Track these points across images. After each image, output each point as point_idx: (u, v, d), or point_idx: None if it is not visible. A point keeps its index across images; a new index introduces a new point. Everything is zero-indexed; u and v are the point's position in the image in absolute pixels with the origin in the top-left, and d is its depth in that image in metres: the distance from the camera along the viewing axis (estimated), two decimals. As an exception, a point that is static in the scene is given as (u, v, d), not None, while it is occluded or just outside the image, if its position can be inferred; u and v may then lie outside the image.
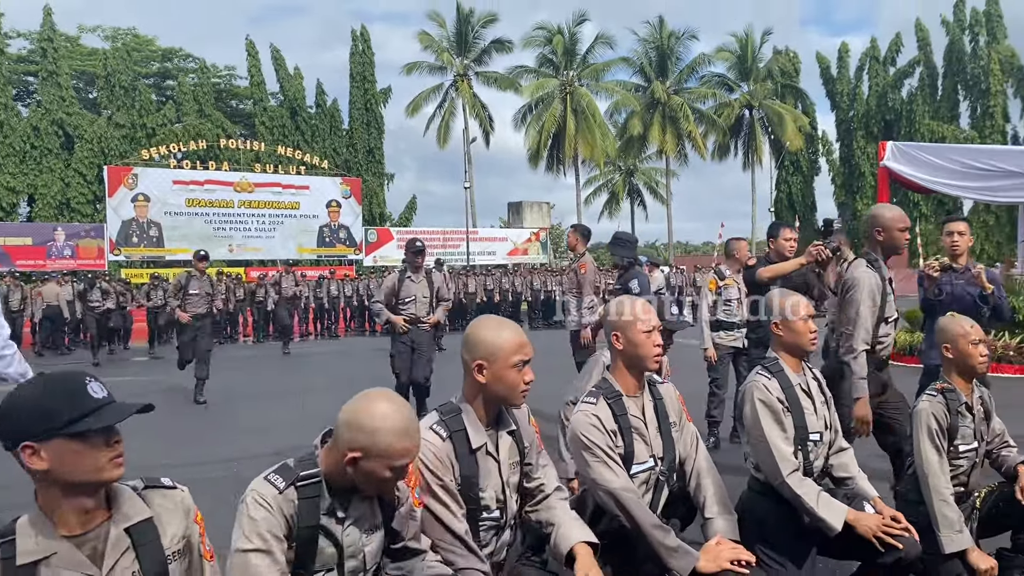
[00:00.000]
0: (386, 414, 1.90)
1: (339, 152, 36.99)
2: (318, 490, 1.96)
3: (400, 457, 1.90)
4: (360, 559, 2.04)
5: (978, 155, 9.65)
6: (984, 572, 3.00)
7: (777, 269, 5.51)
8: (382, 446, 1.88)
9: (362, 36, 38.10)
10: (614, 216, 47.30)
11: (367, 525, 2.05)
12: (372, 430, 1.88)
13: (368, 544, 2.05)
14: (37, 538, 1.58)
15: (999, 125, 32.49)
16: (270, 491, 1.92)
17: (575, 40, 39.05)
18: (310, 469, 1.98)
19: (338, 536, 1.99)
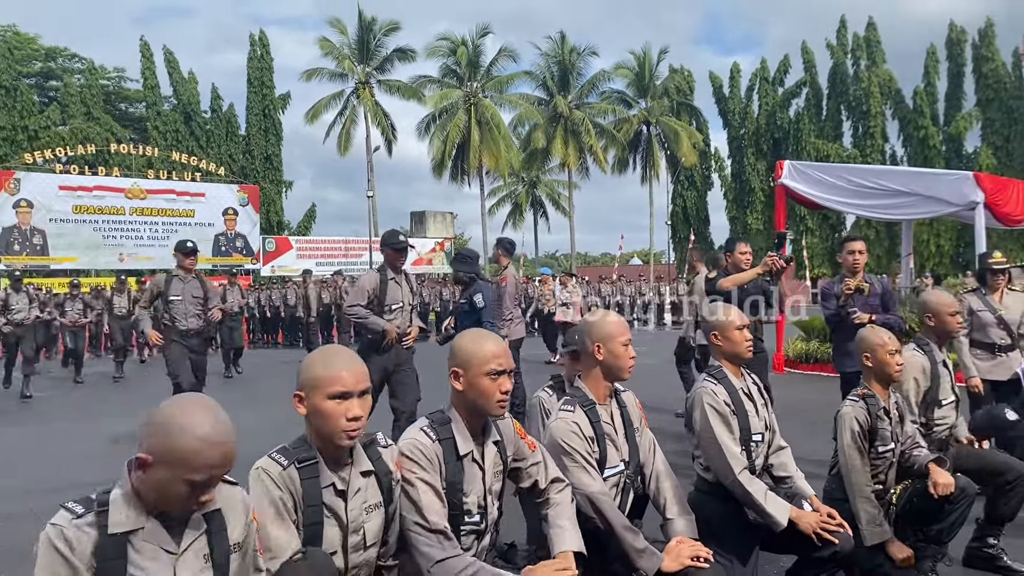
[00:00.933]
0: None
1: (235, 159, 36.05)
2: (317, 470, 2.08)
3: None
4: (361, 535, 2.15)
5: (867, 175, 10.24)
6: (901, 560, 3.27)
7: (736, 279, 5.86)
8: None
9: (260, 41, 37.33)
10: (518, 227, 47.91)
11: (369, 503, 2.16)
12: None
13: (368, 521, 2.16)
14: (128, 511, 1.72)
15: (879, 145, 34.56)
16: (275, 468, 2.05)
17: (479, 52, 39.32)
18: (306, 451, 2.10)
19: (342, 513, 2.11)
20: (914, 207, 9.80)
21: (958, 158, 32.98)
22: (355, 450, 2.17)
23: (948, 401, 4.00)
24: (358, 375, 2.12)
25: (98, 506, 1.71)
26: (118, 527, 1.69)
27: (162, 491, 1.71)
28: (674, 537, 2.77)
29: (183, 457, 1.68)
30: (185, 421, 1.70)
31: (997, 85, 32.12)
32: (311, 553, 2.03)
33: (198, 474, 1.69)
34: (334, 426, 2.10)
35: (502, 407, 2.39)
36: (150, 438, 1.70)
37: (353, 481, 2.13)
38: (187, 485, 1.70)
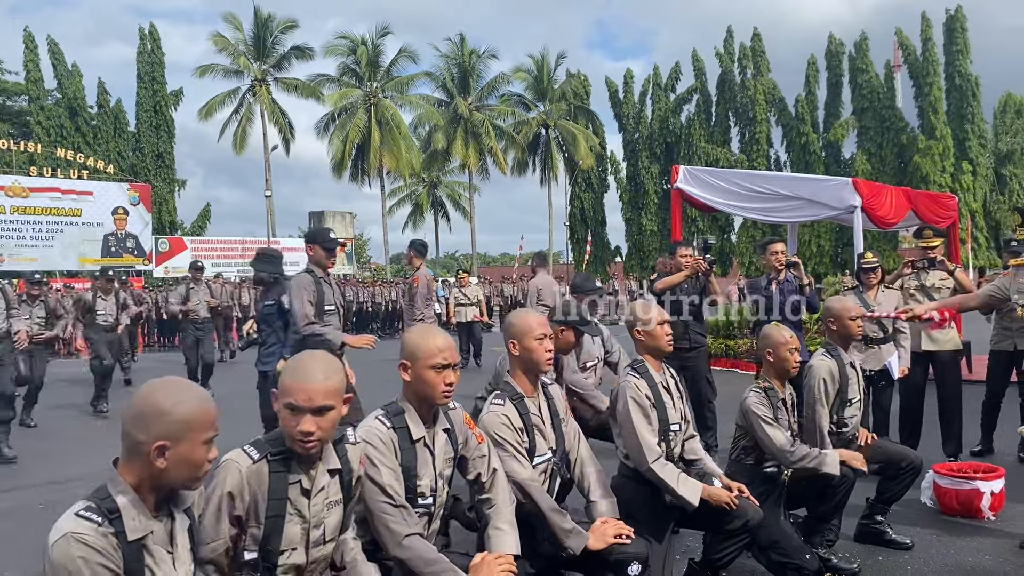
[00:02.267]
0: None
1: (125, 156, 34.67)
2: (288, 465, 2.15)
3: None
4: (321, 531, 2.21)
5: (756, 180, 10.78)
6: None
7: (668, 281, 6.39)
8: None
9: (151, 35, 35.98)
10: (418, 227, 47.90)
11: (331, 499, 2.24)
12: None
13: (329, 516, 2.24)
14: (139, 517, 1.78)
15: (764, 150, 36.22)
16: (245, 463, 2.12)
17: (379, 52, 39.11)
18: (279, 446, 2.17)
19: (305, 509, 2.17)
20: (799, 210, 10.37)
21: (836, 163, 34.92)
22: (325, 447, 2.24)
23: (855, 400, 4.38)
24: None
25: (109, 513, 1.74)
26: (135, 533, 1.76)
27: (184, 466, 1.81)
28: (598, 518, 3.01)
29: (194, 422, 1.81)
30: (172, 394, 1.82)
31: (871, 95, 34.17)
32: None
33: (209, 431, 1.85)
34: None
35: (447, 397, 2.58)
36: (153, 425, 1.77)
37: (319, 479, 2.19)
38: (205, 445, 1.84)
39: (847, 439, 4.38)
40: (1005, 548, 4.33)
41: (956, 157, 32.91)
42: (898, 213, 10.09)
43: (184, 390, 1.86)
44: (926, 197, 11.37)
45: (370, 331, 23.67)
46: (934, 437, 6.12)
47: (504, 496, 2.74)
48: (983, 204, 33.72)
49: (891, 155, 33.85)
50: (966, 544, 4.40)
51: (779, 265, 6.26)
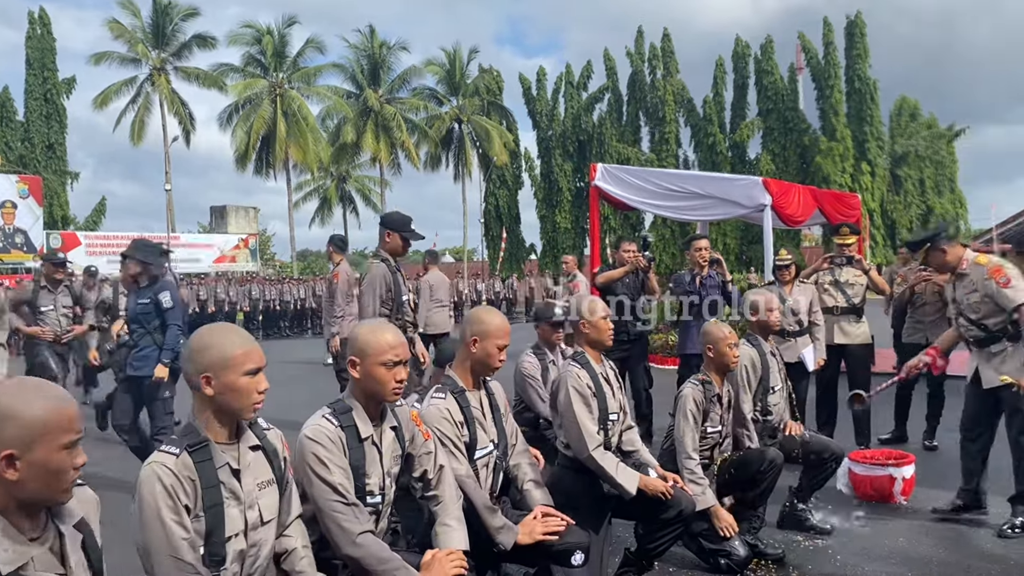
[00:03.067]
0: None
1: (12, 146, 32.75)
2: (209, 452, 2.07)
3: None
4: (256, 511, 2.14)
5: (671, 179, 10.98)
6: (726, 525, 3.72)
7: (608, 275, 6.65)
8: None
9: (40, 19, 34.01)
10: (326, 222, 46.88)
11: (261, 479, 2.17)
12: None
13: (262, 497, 2.16)
14: (13, 546, 1.58)
15: (673, 150, 36.97)
16: (169, 459, 2.01)
17: (285, 42, 38.13)
18: (193, 438, 2.08)
19: (239, 491, 2.10)
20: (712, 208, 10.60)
21: (742, 163, 35.98)
22: (240, 429, 2.19)
23: (778, 387, 4.51)
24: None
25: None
26: (8, 565, 1.56)
27: (43, 476, 1.58)
28: (532, 506, 3.01)
29: (50, 427, 1.58)
30: (16, 396, 1.60)
31: (776, 97, 35.34)
32: None
33: (68, 434, 1.61)
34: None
35: (397, 394, 2.52)
36: (7, 439, 1.56)
37: (243, 457, 2.15)
38: (65, 451, 1.60)
39: (772, 426, 4.48)
40: (917, 530, 4.54)
41: (855, 158, 34.38)
42: (805, 211, 10.42)
43: (33, 389, 1.64)
44: (831, 196, 11.80)
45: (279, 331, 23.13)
46: (844, 426, 6.34)
47: (451, 493, 2.70)
48: (880, 204, 35.36)
49: (794, 155, 35.11)
50: (881, 527, 4.59)
51: (703, 261, 6.47)
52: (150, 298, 5.66)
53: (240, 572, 2.11)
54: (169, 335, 5.68)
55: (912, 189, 36.43)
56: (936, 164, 37.17)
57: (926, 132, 37.57)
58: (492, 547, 2.82)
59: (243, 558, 2.11)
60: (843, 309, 6.27)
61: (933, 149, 36.84)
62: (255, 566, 2.15)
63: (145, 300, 5.68)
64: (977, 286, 4.45)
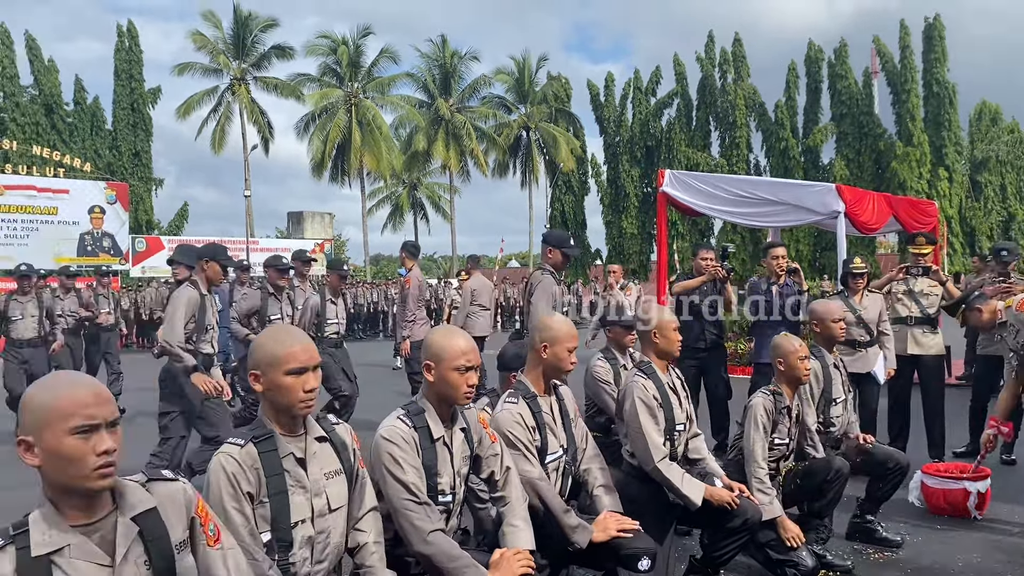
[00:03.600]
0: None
1: (101, 154, 34.22)
2: (274, 443, 2.21)
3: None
4: (324, 499, 2.27)
5: (740, 184, 10.87)
6: (792, 536, 3.73)
7: (685, 285, 6.62)
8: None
9: (129, 32, 35.48)
10: (397, 228, 47.74)
11: (328, 469, 2.31)
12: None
13: (330, 486, 2.30)
14: (50, 531, 1.62)
15: (744, 155, 36.47)
16: (233, 450, 2.17)
17: (360, 52, 39.08)
18: (260, 430, 2.23)
19: (304, 479, 2.23)
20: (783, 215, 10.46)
21: (815, 169, 35.27)
22: (307, 422, 2.32)
23: (840, 400, 4.51)
24: (310, 350, 2.26)
25: (14, 529, 1.62)
26: (41, 548, 1.60)
27: (57, 461, 1.62)
28: (601, 511, 3.10)
29: (54, 412, 1.62)
30: (39, 385, 1.69)
31: (850, 101, 34.55)
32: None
33: (75, 419, 1.62)
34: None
35: (468, 398, 2.64)
36: (24, 425, 1.66)
37: (309, 447, 2.28)
38: (72, 435, 1.62)
39: (835, 438, 4.48)
40: (991, 545, 4.45)
41: (933, 164, 33.36)
42: (880, 219, 10.22)
43: (57, 378, 1.72)
44: (907, 203, 11.53)
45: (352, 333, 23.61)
46: (917, 439, 6.24)
47: (517, 494, 2.80)
48: (959, 210, 34.23)
49: (869, 161, 34.25)
50: (954, 542, 4.52)
51: (780, 270, 6.39)
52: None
53: (310, 558, 2.24)
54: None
55: (992, 195, 35.14)
56: (1018, 170, 35.77)
57: (1008, 137, 36.16)
58: (566, 547, 2.92)
59: (312, 544, 2.24)
60: (917, 319, 6.18)
61: (1015, 154, 35.46)
62: (325, 552, 2.28)
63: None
64: (1017, 325, 4.62)
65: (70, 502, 1.66)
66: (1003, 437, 4.91)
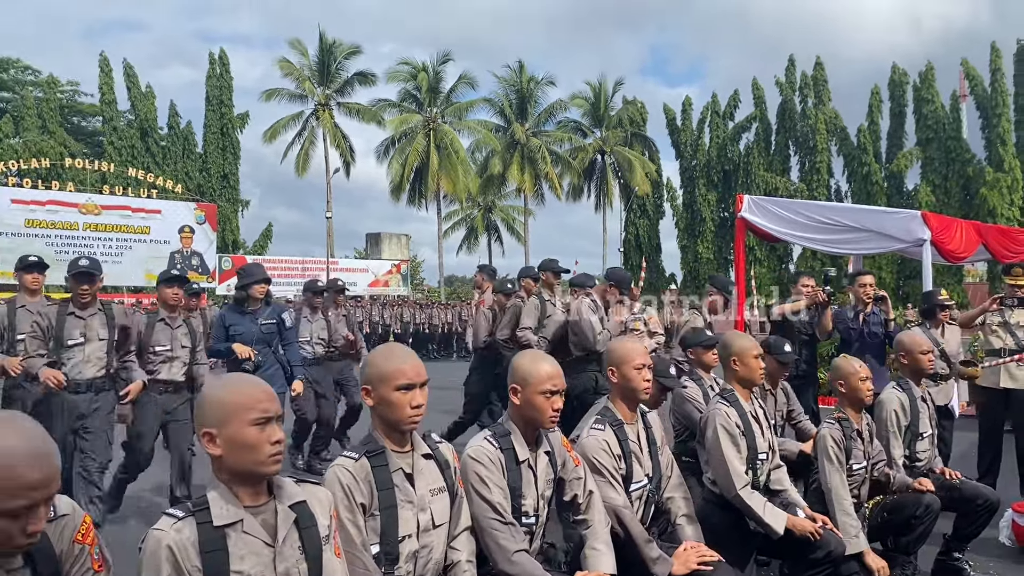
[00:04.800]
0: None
1: (192, 176, 35.73)
2: (385, 458, 2.32)
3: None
4: (429, 514, 2.38)
5: (821, 211, 10.70)
6: (878, 570, 3.67)
7: (786, 308, 6.73)
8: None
9: (220, 60, 37.09)
10: (472, 250, 48.18)
11: (433, 486, 2.41)
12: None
13: (434, 503, 2.40)
14: (227, 506, 1.86)
15: (824, 180, 35.81)
16: (348, 463, 2.29)
17: (439, 78, 39.81)
18: (371, 446, 2.34)
19: (412, 494, 2.34)
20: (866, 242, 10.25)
21: (899, 195, 34.34)
22: (414, 439, 2.42)
23: (927, 434, 4.41)
24: (418, 367, 2.36)
25: (194, 506, 1.85)
26: (221, 519, 1.83)
27: (239, 449, 1.83)
28: (683, 541, 3.11)
29: (232, 405, 1.85)
30: (215, 384, 1.90)
31: (936, 126, 33.60)
32: None
33: (253, 412, 1.84)
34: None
35: (553, 421, 2.72)
36: (199, 419, 1.88)
37: (417, 463, 2.38)
38: (253, 426, 1.84)
39: (921, 473, 4.39)
40: (1087, 589, 4.29)
41: (1025, 190, 32.14)
42: (968, 247, 9.94)
43: (229, 377, 2.03)
44: (998, 231, 11.17)
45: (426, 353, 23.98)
46: (1009, 475, 6.04)
47: (600, 517, 2.85)
48: (1053, 238, 32.81)
49: (956, 187, 33.18)
50: (1047, 584, 4.37)
51: (867, 298, 6.29)
52: (275, 319, 5.96)
53: (413, 572, 2.35)
54: (292, 352, 6.13)
55: (1086, 224, 33.57)
56: (1112, 198, 34.11)
57: (1104, 163, 34.57)
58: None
59: (415, 559, 2.34)
60: (1011, 351, 5.99)
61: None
62: (427, 567, 2.38)
63: (271, 321, 5.94)
64: None
65: (242, 487, 1.89)
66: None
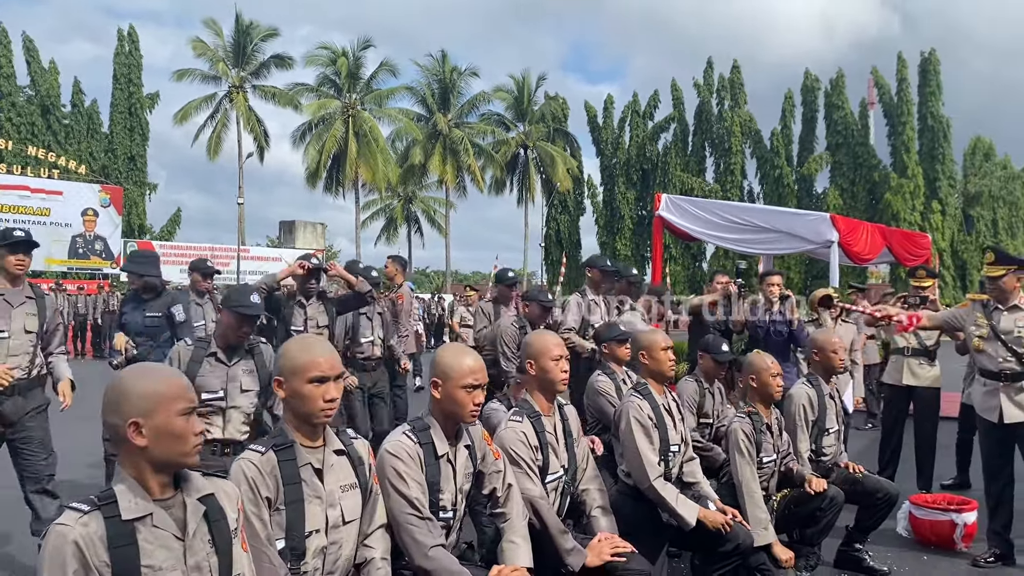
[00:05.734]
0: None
1: (96, 157, 34.20)
2: (293, 452, 2.25)
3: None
4: (338, 511, 2.31)
5: (735, 211, 10.92)
6: (785, 561, 3.73)
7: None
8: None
9: (129, 36, 35.62)
10: (391, 241, 47.64)
11: (344, 482, 2.34)
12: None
13: (345, 499, 2.33)
14: (136, 499, 1.79)
15: (738, 181, 36.82)
16: (254, 456, 2.21)
17: (359, 64, 39.11)
18: (281, 438, 2.28)
19: (321, 490, 2.27)
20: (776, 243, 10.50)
21: (809, 197, 35.57)
22: (327, 433, 2.35)
23: (833, 430, 4.52)
24: (333, 360, 2.31)
25: (100, 500, 1.76)
26: (129, 513, 1.76)
27: (166, 439, 1.79)
28: (598, 533, 3.08)
29: (159, 395, 1.80)
30: (132, 375, 1.85)
31: (845, 131, 34.94)
32: None
33: (181, 401, 1.83)
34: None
35: (474, 416, 2.64)
36: (119, 409, 1.80)
37: (327, 459, 2.31)
38: (180, 416, 1.81)
39: (826, 467, 4.49)
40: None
41: (926, 196, 33.71)
42: (873, 249, 10.28)
43: (146, 368, 1.94)
44: (900, 235, 11.62)
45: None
46: (907, 469, 6.26)
47: (518, 511, 2.80)
48: (951, 244, 34.52)
49: (863, 191, 34.57)
50: (939, 573, 4.53)
51: (773, 297, 6.41)
52: (161, 312, 5.57)
53: (321, 569, 2.27)
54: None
55: (984, 229, 35.51)
56: (1010, 205, 36.24)
57: (1000, 173, 36.66)
58: (560, 569, 2.90)
59: (324, 555, 2.27)
60: (914, 350, 6.20)
61: (1007, 190, 35.91)
62: (336, 564, 2.30)
63: (156, 314, 5.56)
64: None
65: (152, 480, 1.82)
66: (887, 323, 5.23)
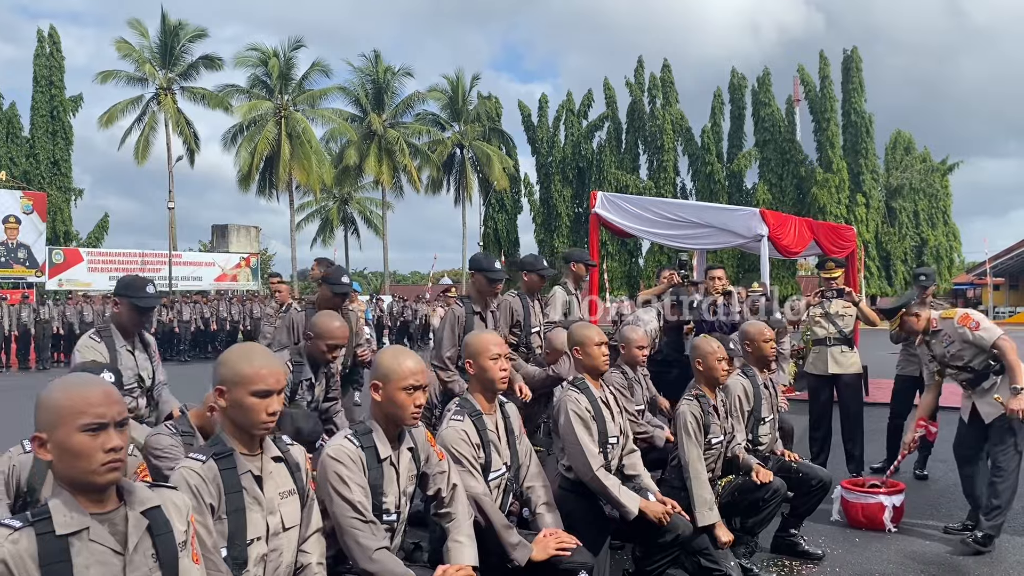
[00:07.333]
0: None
1: (17, 162, 33.00)
2: (233, 461, 2.24)
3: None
4: (278, 517, 2.30)
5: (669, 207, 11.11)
6: (724, 543, 3.85)
7: (646, 293, 7.06)
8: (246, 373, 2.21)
9: (50, 37, 34.43)
10: (327, 243, 47.04)
11: (283, 489, 2.33)
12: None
13: (284, 506, 2.32)
14: (71, 514, 1.73)
15: (671, 178, 37.41)
16: (196, 464, 2.18)
17: (291, 64, 38.45)
18: (219, 447, 2.25)
19: (261, 497, 2.26)
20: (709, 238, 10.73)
21: (739, 193, 36.35)
22: (264, 441, 2.35)
23: (768, 419, 4.68)
24: (278, 373, 2.29)
25: (33, 516, 1.70)
26: (64, 528, 1.70)
27: (67, 457, 1.71)
28: (543, 528, 3.14)
29: (61, 409, 1.73)
30: (53, 385, 1.79)
31: (773, 128, 35.80)
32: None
33: (84, 417, 1.72)
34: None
35: (415, 418, 2.66)
36: (35, 421, 1.75)
37: (266, 466, 2.31)
38: (82, 433, 1.71)
39: (763, 456, 4.63)
40: (905, 556, 4.68)
41: (851, 190, 34.77)
42: (801, 243, 10.59)
43: (70, 378, 1.84)
44: (827, 228, 11.98)
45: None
46: (838, 455, 6.47)
47: (463, 510, 2.83)
48: (875, 235, 35.70)
49: (791, 186, 35.48)
50: (871, 554, 4.72)
51: (716, 292, 6.59)
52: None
53: (262, 575, 2.26)
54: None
55: (907, 221, 36.84)
56: (930, 197, 37.65)
57: (920, 165, 38.09)
58: (505, 564, 2.95)
59: (264, 562, 2.26)
60: (835, 339, 6.41)
61: (927, 182, 37.35)
62: (277, 571, 2.30)
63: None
64: (952, 337, 4.85)
65: (86, 493, 1.75)
66: (929, 437, 5.31)
